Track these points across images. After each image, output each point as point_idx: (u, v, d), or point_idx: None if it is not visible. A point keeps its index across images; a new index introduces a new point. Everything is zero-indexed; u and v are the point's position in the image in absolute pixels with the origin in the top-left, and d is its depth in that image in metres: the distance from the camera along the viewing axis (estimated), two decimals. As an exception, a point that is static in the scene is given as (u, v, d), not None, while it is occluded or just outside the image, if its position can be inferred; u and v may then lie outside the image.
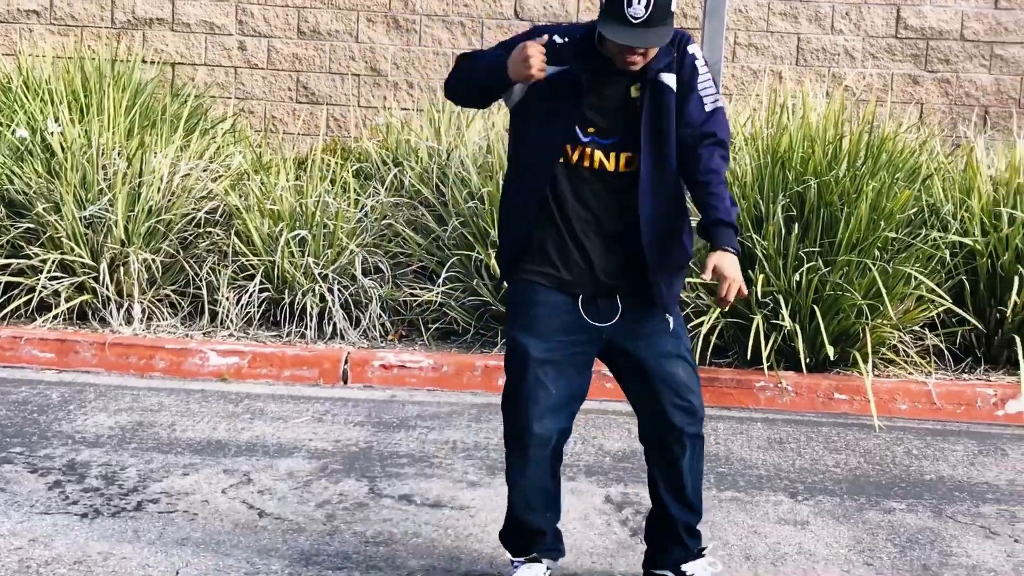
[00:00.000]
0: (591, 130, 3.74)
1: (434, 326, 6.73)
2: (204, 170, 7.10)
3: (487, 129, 7.44)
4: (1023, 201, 6.60)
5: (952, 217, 6.64)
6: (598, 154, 3.74)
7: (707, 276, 3.62)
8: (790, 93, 7.16)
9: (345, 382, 6.37)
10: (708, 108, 3.71)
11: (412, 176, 7.33)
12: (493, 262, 6.50)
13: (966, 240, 6.56)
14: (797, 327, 6.21)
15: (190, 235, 6.89)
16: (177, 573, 4.02)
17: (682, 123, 3.70)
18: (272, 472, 5.01)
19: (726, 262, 3.60)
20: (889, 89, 9.35)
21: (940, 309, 6.49)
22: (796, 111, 6.82)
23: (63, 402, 5.82)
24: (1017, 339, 6.43)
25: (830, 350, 6.16)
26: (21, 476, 4.83)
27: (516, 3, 9.48)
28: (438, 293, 6.60)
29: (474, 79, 3.82)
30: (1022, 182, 6.66)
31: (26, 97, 7.33)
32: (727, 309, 3.46)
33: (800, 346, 6.21)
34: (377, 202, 7.04)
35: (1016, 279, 6.43)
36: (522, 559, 3.95)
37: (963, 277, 6.55)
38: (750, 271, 6.33)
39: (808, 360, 6.29)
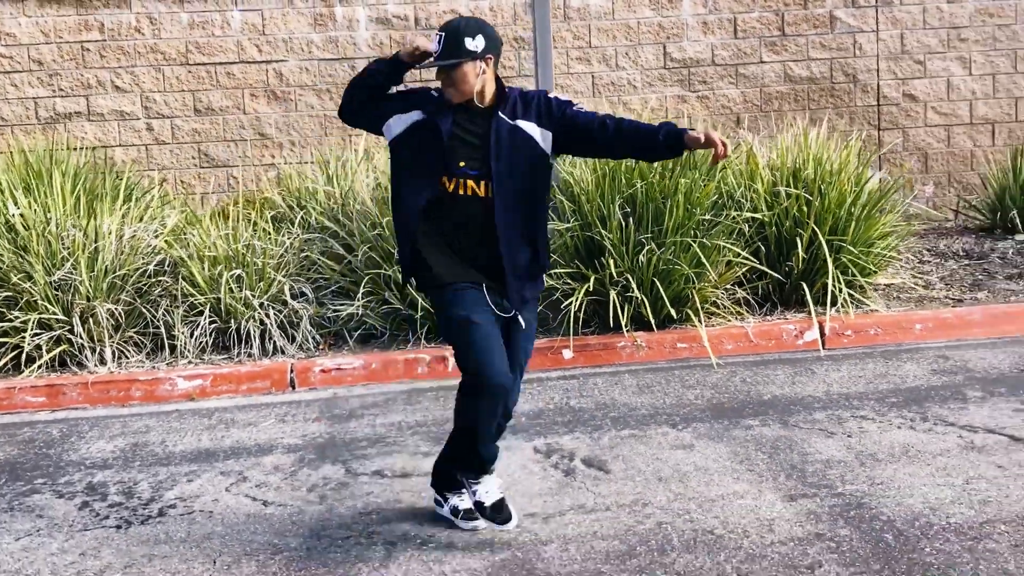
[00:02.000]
0: (461, 164, 3.65)
1: (356, 333, 6.53)
2: (145, 231, 6.72)
3: (372, 171, 7.27)
4: (794, 181, 6.78)
5: (743, 198, 6.77)
6: (470, 182, 3.65)
7: (715, 141, 3.53)
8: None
9: (293, 388, 6.13)
10: (584, 110, 3.70)
11: (316, 215, 7.10)
12: (396, 275, 6.36)
13: (756, 215, 6.71)
14: (643, 296, 6.24)
15: (144, 285, 6.52)
16: (215, 562, 3.78)
17: (584, 133, 3.64)
18: (261, 468, 4.78)
19: (704, 134, 3.54)
20: (664, 108, 9.51)
21: (744, 269, 6.63)
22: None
23: (64, 436, 5.43)
24: (804, 285, 6.61)
25: (672, 311, 6.21)
26: (51, 502, 4.48)
27: (370, 70, 9.28)
28: (358, 307, 6.41)
29: (367, 80, 3.68)
30: (789, 166, 6.84)
31: (-17, 188, 6.83)
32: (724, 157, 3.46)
33: (647, 311, 6.25)
34: (294, 239, 6.79)
35: (797, 240, 6.61)
36: (476, 478, 3.83)
37: (759, 244, 6.69)
38: (601, 258, 6.35)
39: (655, 321, 6.33)
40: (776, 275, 6.61)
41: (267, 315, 6.38)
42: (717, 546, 3.67)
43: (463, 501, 3.89)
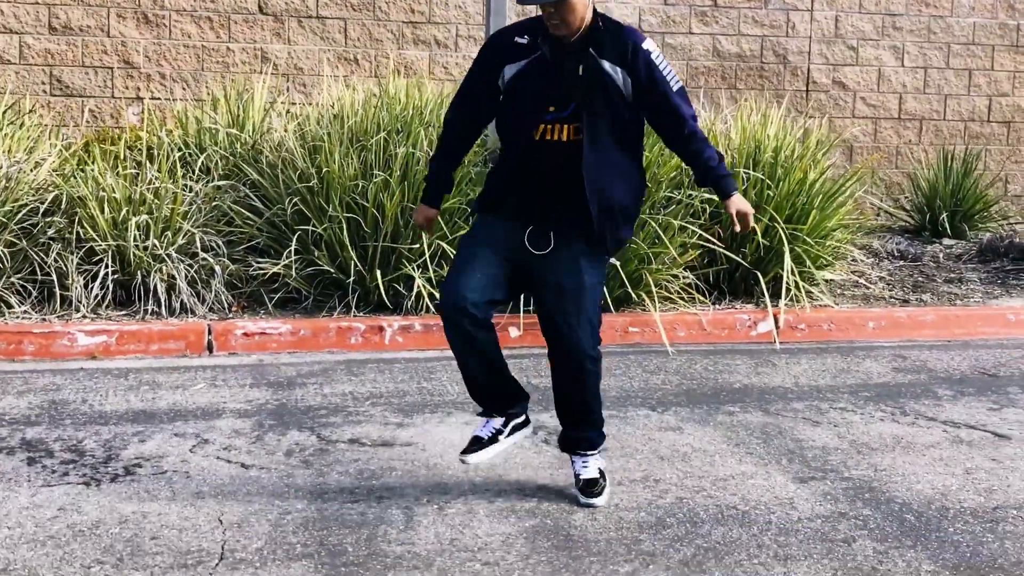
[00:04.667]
0: (551, 108, 4.15)
1: (276, 296, 6.85)
2: (25, 163, 6.83)
3: (286, 113, 7.58)
4: (754, 163, 7.51)
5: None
6: (555, 127, 4.15)
7: (734, 219, 4.21)
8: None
9: (211, 351, 6.41)
10: (674, 89, 4.19)
11: (218, 161, 7.36)
12: (329, 234, 6.72)
13: (714, 196, 7.39)
14: (600, 274, 6.81)
15: (30, 224, 6.64)
16: (220, 520, 4.11)
17: (658, 111, 4.17)
18: (219, 432, 5.09)
19: (738, 203, 4.19)
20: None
21: (696, 254, 7.30)
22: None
23: (-41, 390, 5.57)
24: (759, 274, 7.35)
25: (632, 293, 6.82)
26: (-11, 457, 4.68)
27: None
28: (285, 266, 6.73)
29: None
30: (750, 148, 7.56)
31: None
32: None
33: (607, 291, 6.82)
34: (204, 186, 7.04)
35: (755, 225, 7.33)
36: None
37: (716, 228, 7.39)
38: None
39: (603, 303, 6.91)
40: (737, 259, 7.29)
41: (176, 268, 6.62)
42: (746, 520, 4.26)
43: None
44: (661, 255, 7.02)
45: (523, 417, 4.47)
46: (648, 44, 4.19)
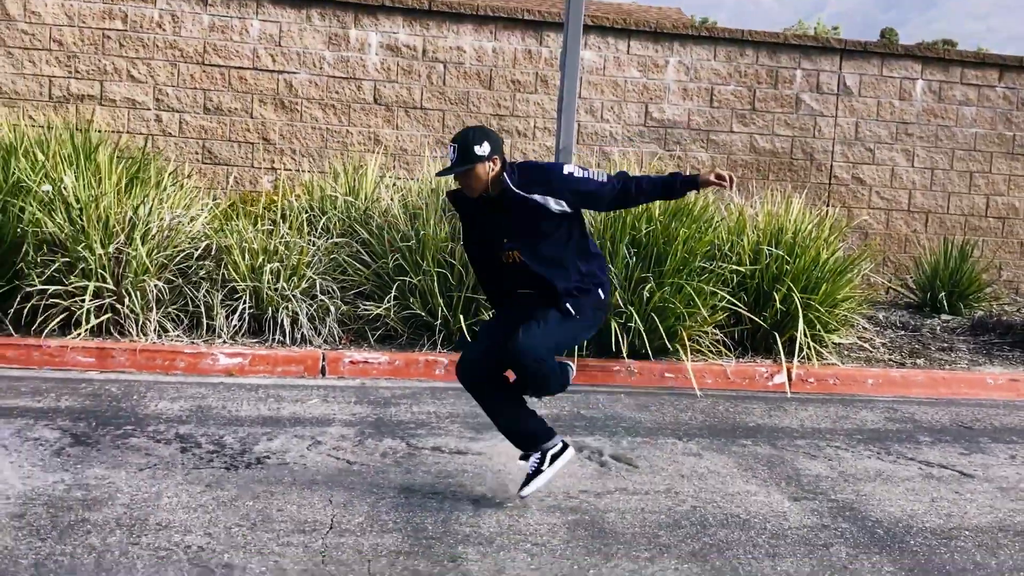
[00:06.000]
0: (505, 240, 4.66)
1: (377, 333, 7.39)
2: (184, 216, 7.47)
3: (392, 186, 8.16)
4: (776, 242, 7.92)
5: (731, 252, 7.89)
6: (515, 253, 4.67)
7: (718, 181, 4.61)
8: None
9: (323, 374, 6.94)
10: (599, 179, 4.61)
11: (336, 221, 7.95)
12: (422, 285, 7.26)
13: (740, 268, 7.83)
14: (643, 328, 7.27)
15: (186, 267, 7.26)
16: (331, 500, 4.62)
17: (592, 202, 4.64)
18: (329, 436, 5.61)
19: (709, 174, 4.65)
20: (640, 163, 10.64)
21: (724, 315, 7.72)
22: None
23: (125, 394, 6.15)
24: (777, 335, 7.75)
25: (668, 344, 7.26)
26: (151, 445, 5.23)
27: (375, 92, 10.18)
28: (386, 308, 7.27)
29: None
30: (774, 230, 7.99)
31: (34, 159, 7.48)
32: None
33: (645, 340, 7.28)
34: (325, 242, 7.62)
35: (775, 293, 7.75)
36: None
37: (742, 294, 7.81)
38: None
39: (641, 352, 7.36)
40: (758, 321, 7.70)
41: (299, 307, 7.19)
42: (746, 526, 4.67)
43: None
44: (695, 314, 7.45)
45: (559, 446, 4.79)
46: (565, 168, 4.60)
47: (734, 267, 7.73)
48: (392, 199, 7.90)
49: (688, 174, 4.70)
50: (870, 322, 9.29)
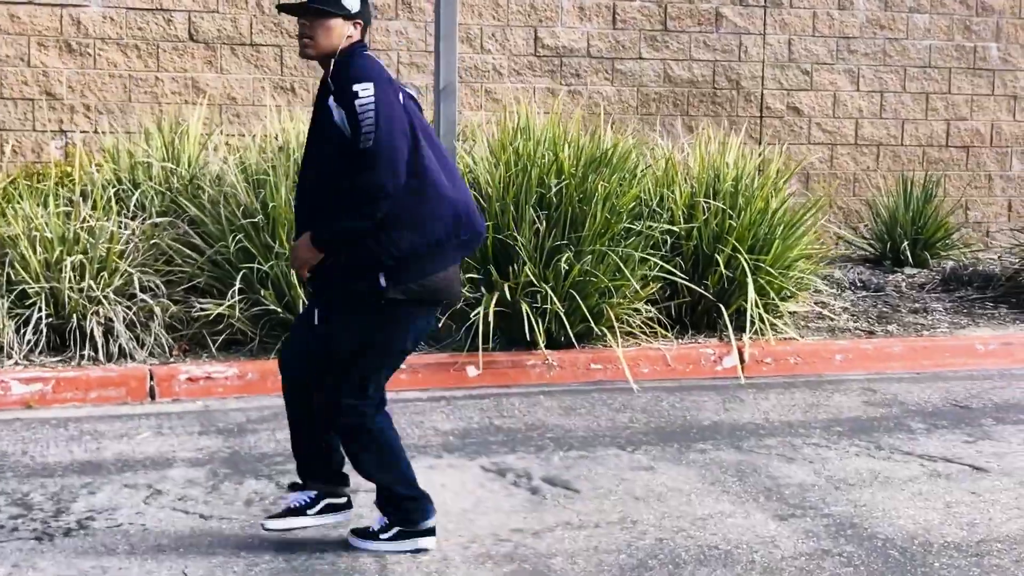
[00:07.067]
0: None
1: (220, 338, 6.91)
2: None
3: (225, 146, 7.67)
4: (714, 193, 7.71)
5: (659, 207, 7.64)
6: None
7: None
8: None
9: (153, 398, 6.45)
10: (361, 147, 3.98)
11: (153, 197, 7.43)
12: (275, 272, 6.81)
13: (673, 227, 7.59)
14: (561, 310, 6.96)
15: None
16: (185, 573, 4.17)
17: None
18: (172, 482, 5.14)
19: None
20: (532, 101, 10.32)
21: (658, 287, 7.47)
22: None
23: None
24: (723, 307, 7.54)
25: (595, 328, 6.98)
26: (-70, 514, 4.70)
27: (190, 26, 9.61)
28: (229, 306, 6.80)
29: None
30: (709, 178, 7.77)
31: None
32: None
33: (565, 326, 6.98)
34: (141, 224, 7.10)
35: (717, 256, 7.53)
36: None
37: (677, 259, 7.57)
38: (511, 266, 7.04)
39: (566, 339, 7.07)
40: (699, 290, 7.47)
41: (113, 311, 6.66)
42: (729, 560, 4.41)
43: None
44: (622, 288, 7.18)
45: (343, 499, 4.56)
46: (360, 86, 3.99)
47: (666, 227, 7.49)
48: (227, 163, 7.41)
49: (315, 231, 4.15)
50: (826, 282, 9.20)
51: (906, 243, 10.21)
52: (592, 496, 5.08)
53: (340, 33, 4.12)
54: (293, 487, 4.53)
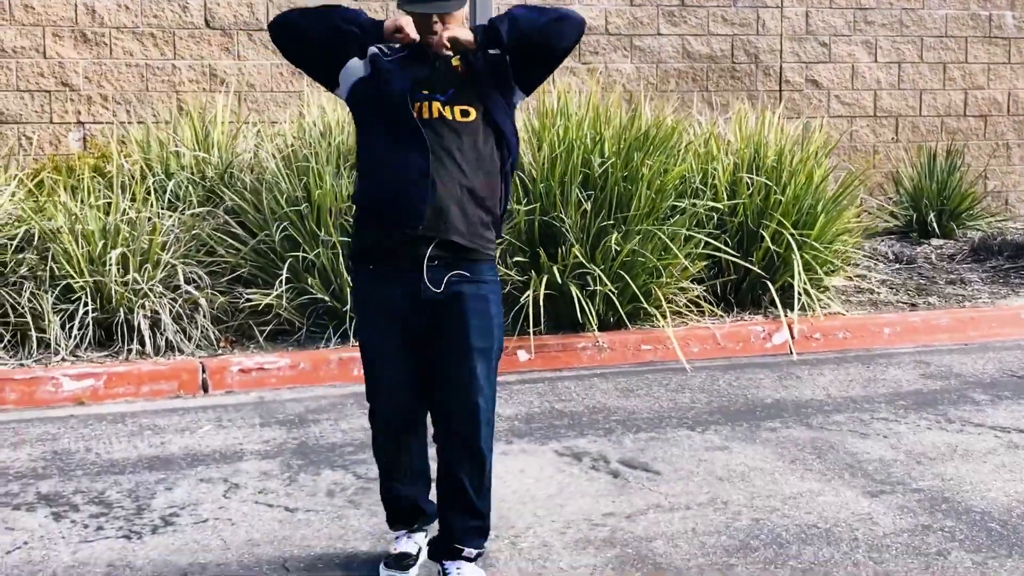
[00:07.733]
0: None
1: (267, 329, 6.82)
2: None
3: (259, 133, 7.57)
4: (757, 169, 7.65)
5: (702, 184, 7.58)
6: None
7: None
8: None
9: (205, 391, 6.36)
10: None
11: (188, 187, 7.33)
12: (323, 261, 6.73)
13: (717, 204, 7.53)
14: (611, 292, 6.90)
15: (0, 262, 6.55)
16: (287, 568, 4.11)
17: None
18: (246, 475, 5.07)
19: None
20: (551, 79, 10.22)
21: (703, 264, 7.41)
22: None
23: (-53, 445, 5.47)
24: (769, 283, 7.50)
25: (647, 308, 6.92)
26: (7, 515, 4.60)
27: (206, 12, 9.49)
28: (276, 296, 6.71)
29: (338, 19, 3.78)
30: (750, 154, 7.71)
31: None
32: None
33: (616, 307, 6.92)
34: (182, 215, 7.00)
35: (762, 232, 7.48)
36: (403, 531, 4.15)
37: (723, 236, 7.51)
38: (558, 247, 6.97)
39: (615, 320, 7.01)
40: (747, 265, 7.41)
41: (160, 304, 6.57)
42: (832, 538, 4.37)
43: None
44: (669, 267, 7.12)
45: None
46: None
47: (711, 203, 7.43)
48: (262, 150, 7.30)
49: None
50: (862, 256, 9.16)
51: (932, 215, 10.19)
52: (675, 478, 5.04)
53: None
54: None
